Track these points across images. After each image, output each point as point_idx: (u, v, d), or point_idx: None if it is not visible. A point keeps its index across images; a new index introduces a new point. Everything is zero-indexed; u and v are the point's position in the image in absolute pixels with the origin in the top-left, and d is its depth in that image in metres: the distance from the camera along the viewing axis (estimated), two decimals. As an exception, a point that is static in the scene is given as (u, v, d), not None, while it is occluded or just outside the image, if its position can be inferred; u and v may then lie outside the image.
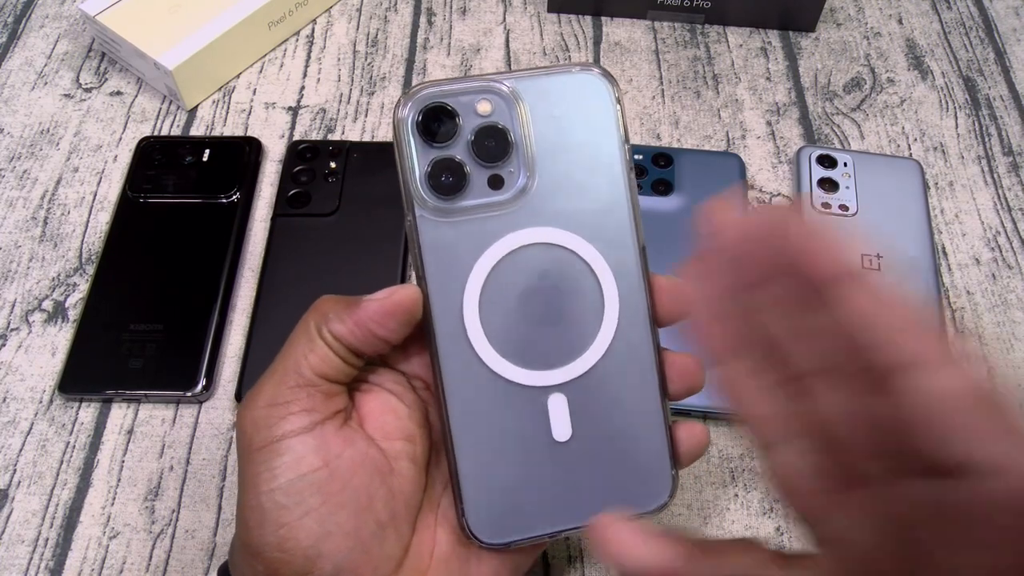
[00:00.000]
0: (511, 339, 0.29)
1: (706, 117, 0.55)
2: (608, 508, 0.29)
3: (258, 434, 0.28)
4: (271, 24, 0.57)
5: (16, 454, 0.42)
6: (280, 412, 0.28)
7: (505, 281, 0.29)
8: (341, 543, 0.27)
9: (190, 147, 0.52)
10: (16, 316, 0.47)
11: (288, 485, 0.27)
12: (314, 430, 0.28)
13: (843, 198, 0.50)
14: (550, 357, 0.29)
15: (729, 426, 0.43)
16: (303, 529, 0.27)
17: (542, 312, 0.29)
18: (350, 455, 0.28)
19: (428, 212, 0.28)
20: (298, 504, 0.27)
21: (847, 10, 0.62)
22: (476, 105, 0.28)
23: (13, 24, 0.60)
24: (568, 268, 0.29)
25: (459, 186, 0.28)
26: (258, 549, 0.27)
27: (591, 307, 0.29)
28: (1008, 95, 0.57)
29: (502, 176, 0.29)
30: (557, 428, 0.30)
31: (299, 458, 0.27)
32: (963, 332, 0.47)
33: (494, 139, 0.28)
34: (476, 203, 0.29)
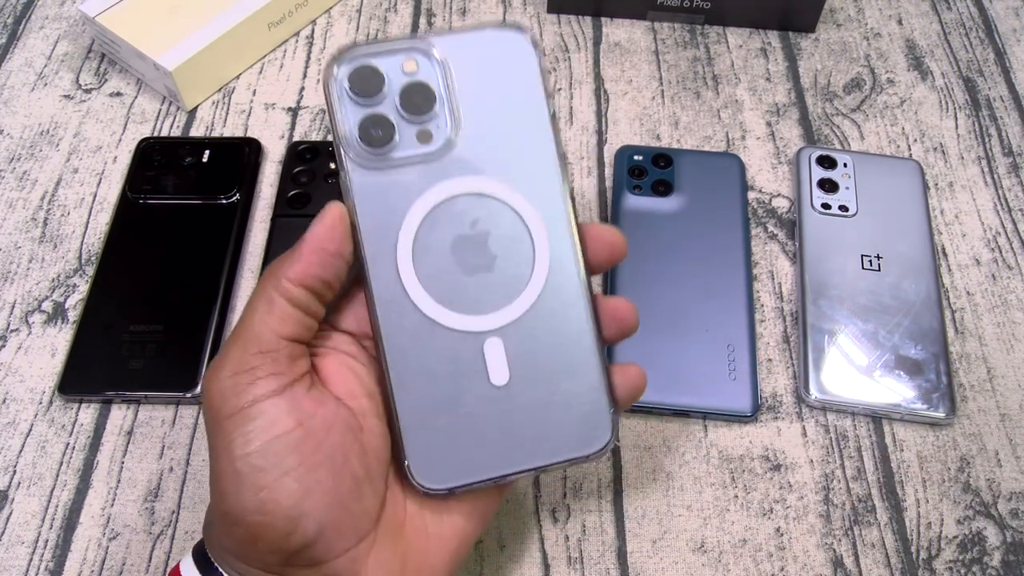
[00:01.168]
0: (446, 286, 0.30)
1: (706, 118, 0.55)
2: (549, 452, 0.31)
3: (226, 403, 0.28)
4: (271, 25, 0.57)
5: (16, 455, 0.42)
6: (247, 379, 0.28)
7: (437, 230, 0.30)
8: (321, 501, 0.28)
9: (190, 148, 0.52)
10: (16, 317, 0.47)
11: (264, 447, 0.27)
12: (284, 392, 0.28)
13: (843, 199, 0.50)
14: (485, 303, 0.30)
15: (729, 426, 0.43)
16: (283, 489, 0.27)
17: (475, 259, 0.30)
18: (322, 414, 0.29)
19: (360, 165, 0.30)
20: (276, 465, 0.27)
21: (847, 11, 0.62)
22: (403, 64, 0.30)
23: (13, 25, 0.60)
24: (498, 216, 0.30)
25: (388, 139, 0.30)
26: (238, 515, 0.27)
27: (523, 253, 0.31)
28: (1008, 95, 0.57)
29: (429, 130, 0.30)
30: (494, 372, 0.30)
31: (272, 420, 0.28)
32: (963, 332, 0.47)
33: (420, 95, 0.30)
34: (406, 155, 0.30)
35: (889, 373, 0.44)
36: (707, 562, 0.40)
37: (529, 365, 0.31)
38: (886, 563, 0.40)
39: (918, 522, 0.41)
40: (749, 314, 0.46)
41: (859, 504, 0.41)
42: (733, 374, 0.44)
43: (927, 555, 0.40)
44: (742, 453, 0.43)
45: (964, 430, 0.43)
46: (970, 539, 0.40)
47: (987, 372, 0.45)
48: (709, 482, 0.42)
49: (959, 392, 0.44)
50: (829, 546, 0.40)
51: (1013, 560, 0.40)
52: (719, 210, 0.49)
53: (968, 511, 0.41)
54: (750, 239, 0.49)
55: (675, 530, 0.40)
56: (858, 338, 0.45)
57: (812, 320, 0.45)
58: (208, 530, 0.30)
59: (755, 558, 0.40)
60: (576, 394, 0.31)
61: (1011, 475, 0.42)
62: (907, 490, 0.42)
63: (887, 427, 0.44)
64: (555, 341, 0.31)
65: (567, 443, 0.31)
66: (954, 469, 0.42)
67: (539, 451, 0.31)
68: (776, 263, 0.49)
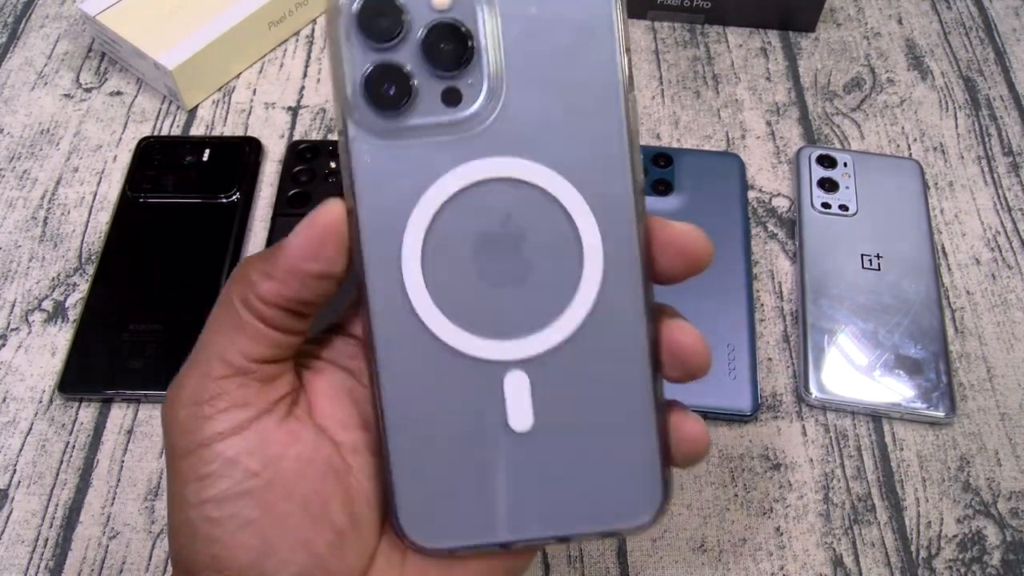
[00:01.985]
0: (462, 299, 0.23)
1: (706, 117, 0.55)
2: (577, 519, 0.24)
3: (182, 438, 0.23)
4: (271, 24, 0.57)
5: (16, 454, 0.42)
6: (205, 411, 0.23)
7: (458, 224, 0.23)
8: (288, 558, 0.23)
9: (190, 147, 0.52)
10: (16, 316, 0.47)
11: (220, 496, 0.23)
12: (249, 428, 0.23)
13: (843, 198, 0.50)
14: (511, 325, 0.23)
15: (729, 426, 0.43)
16: (239, 546, 0.23)
17: (503, 267, 0.23)
18: (295, 454, 0.24)
19: (365, 130, 0.23)
20: (232, 518, 0.23)
21: (847, 10, 0.62)
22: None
23: (13, 24, 0.60)
24: (539, 212, 0.23)
25: (404, 98, 0.22)
26: (191, 569, 0.24)
27: (567, 264, 0.23)
28: (1008, 95, 0.57)
29: (459, 89, 0.23)
30: (515, 415, 0.24)
31: (231, 464, 0.23)
32: (963, 332, 0.47)
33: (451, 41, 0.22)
34: (425, 122, 0.23)
35: (889, 372, 0.44)
36: (707, 561, 0.40)
37: (561, 409, 0.24)
38: (886, 562, 0.40)
39: (918, 521, 0.41)
40: (749, 314, 0.46)
41: (859, 503, 0.41)
42: (733, 373, 0.44)
43: (927, 554, 0.40)
44: (742, 452, 0.43)
45: (964, 429, 0.43)
46: (970, 538, 0.40)
47: (987, 371, 0.45)
48: (709, 481, 0.42)
49: (959, 391, 0.45)
50: (829, 545, 0.40)
51: (1013, 559, 0.40)
52: (719, 210, 0.49)
53: (968, 510, 0.41)
54: (750, 239, 0.49)
55: (675, 529, 0.40)
56: (858, 337, 0.45)
57: (812, 320, 0.45)
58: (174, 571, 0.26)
59: (755, 557, 0.40)
60: (619, 451, 0.24)
61: (1011, 474, 0.42)
62: (907, 489, 0.42)
63: (887, 426, 0.44)
64: (598, 382, 0.24)
65: (602, 511, 0.24)
66: (954, 468, 0.42)
67: (565, 517, 0.24)
68: (776, 263, 0.49)
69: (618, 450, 0.24)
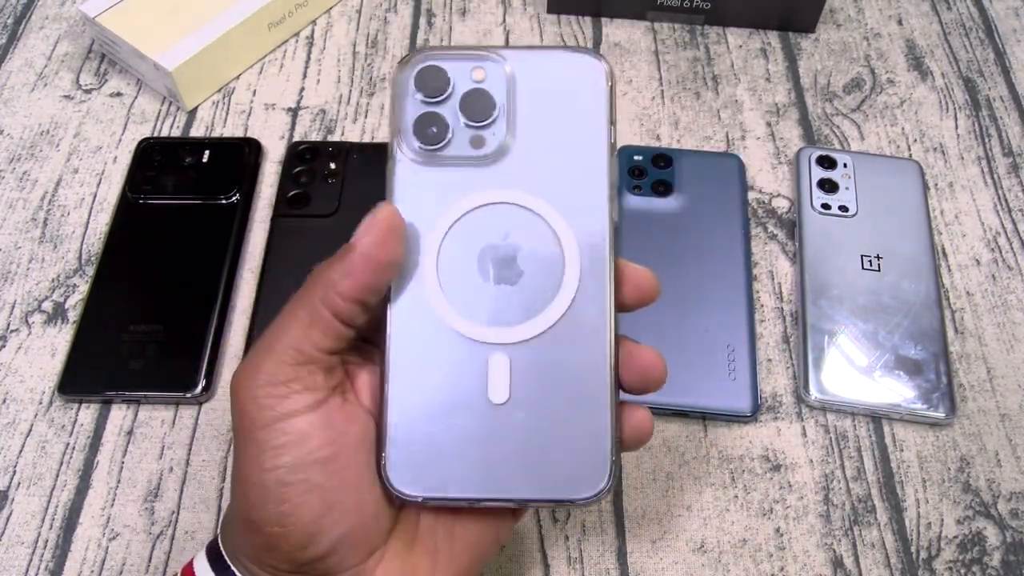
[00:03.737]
0: (464, 291, 0.29)
1: (706, 118, 0.55)
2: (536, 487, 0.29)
3: (260, 413, 0.27)
4: (271, 25, 0.57)
5: (16, 455, 0.42)
6: (282, 391, 0.27)
7: (469, 233, 0.30)
8: (342, 519, 0.28)
9: (190, 148, 0.52)
10: (16, 317, 0.47)
11: (293, 463, 0.27)
12: (319, 408, 0.28)
13: (843, 199, 0.50)
14: (501, 316, 0.29)
15: (728, 427, 0.43)
16: (306, 506, 0.27)
17: (500, 270, 0.30)
18: (354, 431, 0.29)
19: (409, 156, 0.30)
20: (303, 482, 0.27)
21: (847, 11, 0.62)
22: (471, 71, 0.30)
23: (13, 25, 0.60)
24: (534, 232, 0.30)
25: (442, 137, 0.30)
26: (258, 524, 0.28)
27: (550, 274, 0.29)
28: (1008, 96, 0.57)
29: (484, 136, 0.30)
30: (494, 389, 0.29)
31: (305, 436, 0.27)
32: (963, 332, 0.47)
33: (481, 101, 0.30)
34: (455, 155, 0.30)
35: (889, 373, 0.44)
36: (707, 562, 0.40)
37: (532, 389, 0.29)
38: (886, 563, 0.40)
39: (918, 522, 0.41)
40: (749, 314, 0.46)
41: (859, 504, 0.41)
42: (733, 374, 0.44)
43: (927, 555, 0.40)
44: (742, 453, 0.43)
45: (964, 430, 0.43)
46: (970, 539, 0.40)
47: (987, 372, 0.45)
48: (709, 482, 0.42)
49: (959, 392, 0.44)
50: (829, 546, 0.40)
51: (1013, 560, 0.40)
52: (719, 210, 0.49)
53: (968, 511, 0.41)
54: (750, 239, 0.49)
55: (675, 530, 0.40)
56: (858, 338, 0.45)
57: (812, 320, 0.45)
58: (225, 528, 0.30)
59: (755, 558, 0.40)
60: (578, 430, 0.29)
61: (1011, 475, 0.42)
62: (907, 490, 0.42)
63: (887, 427, 0.44)
64: (565, 370, 0.29)
65: (558, 481, 0.29)
66: (954, 469, 0.42)
67: (525, 483, 0.29)
68: (776, 263, 0.49)
69: (577, 431, 0.29)
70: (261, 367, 0.28)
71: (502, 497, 0.29)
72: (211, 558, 0.30)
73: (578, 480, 0.29)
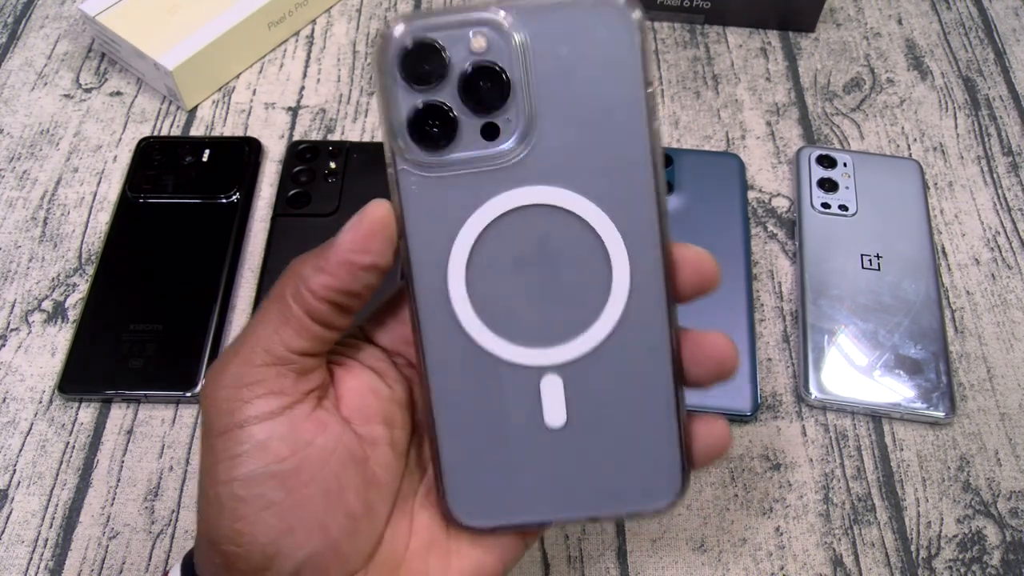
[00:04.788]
0: (502, 312, 0.26)
1: (706, 117, 0.55)
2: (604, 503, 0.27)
3: (220, 418, 0.25)
4: (271, 24, 0.57)
5: (16, 454, 0.42)
6: (244, 395, 0.25)
7: (498, 247, 0.25)
8: (304, 539, 0.25)
9: (190, 147, 0.52)
10: (16, 316, 0.47)
11: (248, 476, 0.25)
12: (282, 415, 0.25)
13: (843, 198, 0.50)
14: (546, 334, 0.26)
15: (729, 426, 0.43)
16: (261, 524, 0.25)
17: (539, 283, 0.26)
18: (322, 443, 0.26)
19: (411, 165, 0.25)
20: (258, 498, 0.25)
21: (847, 10, 0.62)
22: (469, 40, 0.24)
23: (13, 25, 0.60)
24: (572, 235, 0.25)
25: (447, 136, 0.25)
26: (215, 541, 0.25)
27: (597, 280, 0.26)
28: (1008, 95, 0.57)
29: (498, 125, 0.25)
30: (550, 414, 0.26)
31: (262, 447, 0.25)
32: (963, 332, 0.47)
33: (489, 81, 0.24)
34: (466, 156, 0.25)
35: (889, 373, 0.44)
36: (707, 561, 0.40)
37: (591, 409, 0.26)
38: (886, 562, 0.40)
39: (918, 521, 0.41)
40: (749, 314, 0.46)
41: (859, 503, 0.41)
42: (733, 373, 0.44)
43: (927, 554, 0.40)
44: (742, 452, 0.43)
45: (964, 429, 0.43)
46: (970, 538, 0.40)
47: (987, 371, 0.45)
48: (709, 481, 0.42)
49: (959, 391, 0.45)
50: (829, 545, 0.40)
51: (1013, 559, 0.40)
52: (719, 210, 0.49)
53: (968, 510, 0.41)
54: (750, 239, 0.49)
55: (675, 529, 0.40)
56: (858, 338, 0.45)
57: (812, 320, 0.45)
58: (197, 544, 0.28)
59: (755, 557, 0.40)
60: (643, 445, 0.27)
61: (1011, 474, 0.42)
62: (907, 489, 0.42)
63: (887, 426, 0.44)
64: (625, 385, 0.26)
65: (626, 495, 0.27)
66: (954, 468, 0.42)
67: (593, 500, 0.27)
68: (776, 263, 0.49)
69: (643, 442, 0.27)
70: (227, 368, 0.25)
71: (570, 516, 0.27)
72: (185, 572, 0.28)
73: (650, 490, 0.27)
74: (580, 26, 0.24)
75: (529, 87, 0.24)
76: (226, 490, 0.25)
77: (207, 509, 0.25)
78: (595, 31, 0.24)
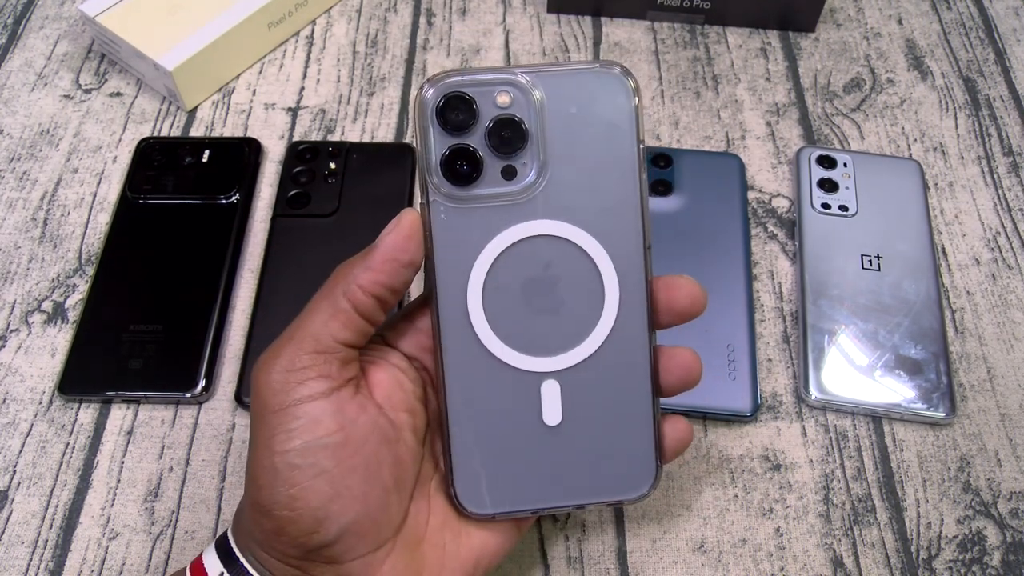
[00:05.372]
0: (512, 325, 0.30)
1: (706, 118, 0.55)
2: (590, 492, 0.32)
3: (275, 397, 0.28)
4: (271, 25, 0.57)
5: (16, 455, 0.42)
6: (298, 377, 0.28)
7: (510, 269, 0.30)
8: (349, 506, 0.28)
9: (190, 148, 0.52)
10: (16, 317, 0.47)
11: (303, 447, 0.28)
12: (331, 395, 0.29)
13: (843, 198, 0.50)
14: (548, 345, 0.31)
15: (728, 426, 0.43)
16: (313, 490, 0.28)
17: (543, 301, 0.30)
18: (364, 421, 0.29)
19: (441, 198, 0.29)
20: (312, 466, 0.28)
21: (847, 10, 0.62)
22: (496, 96, 0.29)
23: (13, 25, 0.60)
24: (572, 261, 0.30)
25: (473, 174, 0.29)
26: (268, 507, 0.28)
27: (591, 301, 0.31)
28: (1008, 95, 0.57)
29: (515, 167, 0.29)
30: (548, 413, 0.31)
31: (316, 422, 0.28)
32: (963, 332, 0.47)
33: (510, 131, 0.29)
34: (488, 191, 0.29)
35: (889, 373, 0.44)
36: (707, 562, 0.40)
37: (583, 410, 0.31)
38: (886, 563, 0.40)
39: (918, 522, 0.41)
40: (749, 314, 0.46)
41: (859, 504, 0.41)
42: (733, 374, 0.44)
43: (927, 555, 0.40)
44: (742, 453, 0.43)
45: (964, 430, 0.43)
46: (970, 539, 0.40)
47: (987, 372, 0.45)
48: (709, 482, 0.42)
49: (959, 392, 0.44)
50: (829, 546, 0.40)
51: (1013, 560, 0.40)
52: (719, 210, 0.49)
53: (968, 511, 0.41)
54: (750, 239, 0.49)
55: (675, 530, 0.40)
56: (858, 338, 0.45)
57: (812, 320, 0.45)
58: (238, 516, 0.31)
59: (755, 558, 0.40)
60: (625, 442, 0.32)
61: (1011, 475, 0.42)
62: (907, 490, 0.42)
63: (887, 427, 0.44)
64: (611, 390, 0.31)
65: (609, 486, 0.32)
66: (954, 469, 0.42)
67: (581, 490, 0.32)
68: (776, 263, 0.49)
69: (624, 440, 0.32)
70: (280, 354, 0.29)
71: (561, 504, 0.32)
72: (220, 551, 0.31)
73: (627, 483, 0.32)
74: (587, 89, 0.29)
75: (543, 137, 0.29)
76: (282, 460, 0.28)
77: (263, 476, 0.28)
78: (599, 94, 0.29)
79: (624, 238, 0.30)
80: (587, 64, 0.30)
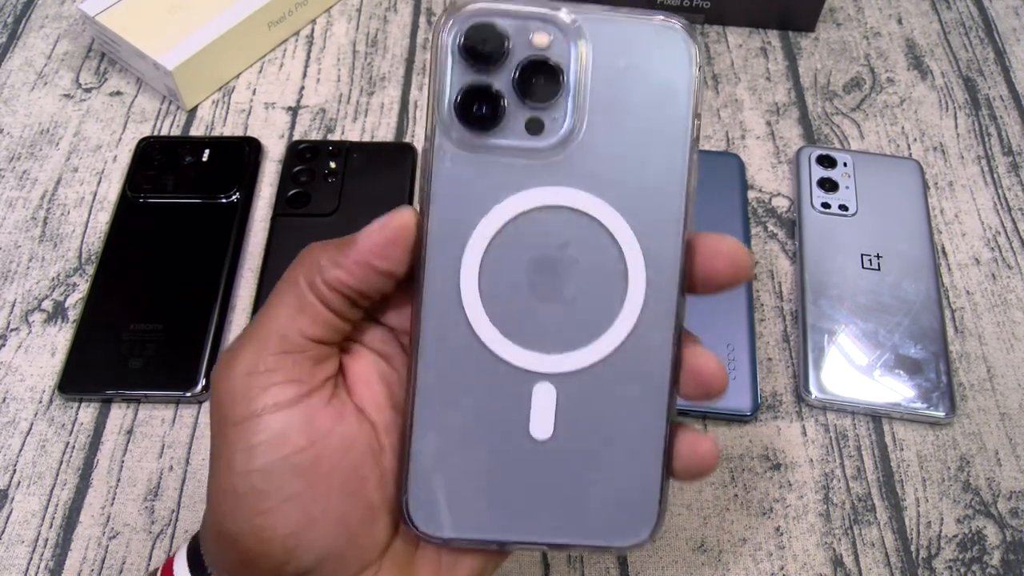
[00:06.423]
0: (508, 307, 0.25)
1: (706, 117, 0.55)
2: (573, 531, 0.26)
3: (235, 407, 0.24)
4: (271, 24, 0.57)
5: (16, 454, 0.42)
6: (261, 382, 0.24)
7: (518, 241, 0.25)
8: (325, 531, 0.24)
9: (190, 147, 0.52)
10: (16, 316, 0.47)
11: (268, 467, 0.24)
12: (299, 404, 0.24)
13: (843, 198, 0.50)
14: (549, 340, 0.25)
15: (728, 426, 0.43)
16: (283, 517, 0.24)
17: (552, 287, 0.25)
18: (340, 432, 0.25)
19: (450, 142, 0.24)
20: (278, 489, 0.24)
21: (847, 10, 0.62)
22: (532, 33, 0.24)
23: (13, 24, 0.60)
24: (594, 244, 0.25)
25: (492, 120, 0.24)
26: (233, 537, 0.24)
27: (610, 296, 0.25)
28: (1008, 95, 0.57)
29: (543, 120, 0.25)
30: (537, 423, 0.25)
31: (282, 436, 0.24)
32: (963, 332, 0.47)
33: (544, 76, 0.24)
34: (506, 144, 0.25)
35: (889, 372, 0.44)
36: (707, 561, 0.40)
37: (579, 425, 0.25)
38: (886, 562, 0.40)
39: (918, 521, 0.41)
40: (749, 314, 0.46)
41: (859, 503, 0.41)
42: (733, 373, 0.44)
43: (927, 554, 0.40)
44: (742, 452, 0.43)
45: (964, 429, 0.43)
46: (970, 538, 0.40)
47: (987, 371, 0.45)
48: (709, 481, 0.42)
49: (959, 391, 0.45)
50: (829, 545, 0.40)
51: (1013, 559, 0.40)
52: (719, 209, 0.49)
53: (968, 510, 0.41)
54: (750, 239, 0.49)
55: (675, 529, 0.40)
56: (858, 338, 0.45)
57: (812, 320, 0.45)
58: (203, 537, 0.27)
59: (755, 557, 0.40)
60: (625, 471, 0.26)
61: (1011, 474, 0.42)
62: (907, 489, 0.42)
63: (887, 426, 0.44)
64: (617, 406, 0.25)
65: (598, 527, 0.26)
66: (954, 468, 0.42)
67: (564, 526, 0.26)
68: (776, 263, 0.49)
69: (625, 471, 0.26)
70: (241, 355, 0.25)
71: (534, 541, 0.26)
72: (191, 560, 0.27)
73: (620, 525, 0.26)
74: (643, 44, 0.25)
75: (582, 91, 0.24)
76: (244, 482, 0.24)
77: (223, 502, 0.24)
78: (656, 51, 0.25)
79: (660, 228, 0.25)
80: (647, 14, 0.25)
